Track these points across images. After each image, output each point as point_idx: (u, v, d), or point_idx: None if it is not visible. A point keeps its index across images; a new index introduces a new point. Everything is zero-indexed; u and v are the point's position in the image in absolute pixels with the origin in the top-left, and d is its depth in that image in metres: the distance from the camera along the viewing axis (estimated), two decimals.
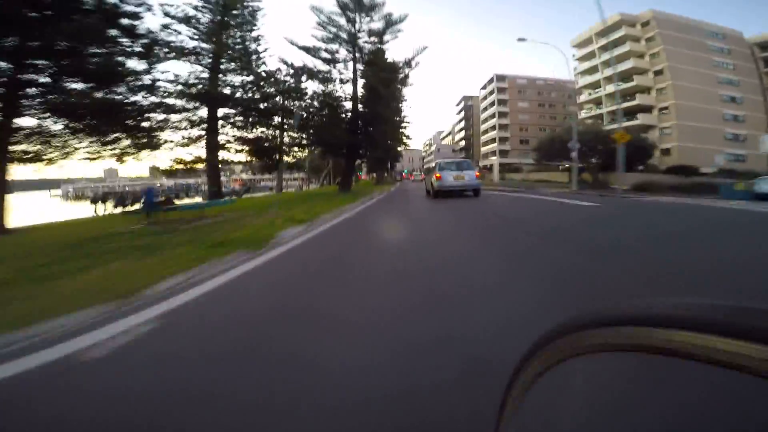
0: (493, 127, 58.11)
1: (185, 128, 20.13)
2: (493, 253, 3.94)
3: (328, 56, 16.05)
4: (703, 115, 35.20)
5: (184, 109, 19.50)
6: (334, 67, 16.15)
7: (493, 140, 58.05)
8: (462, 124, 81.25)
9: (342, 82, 16.23)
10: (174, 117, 19.34)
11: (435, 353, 1.64)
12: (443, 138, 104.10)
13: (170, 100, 18.56)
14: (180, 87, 18.45)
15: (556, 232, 5.30)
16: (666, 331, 0.25)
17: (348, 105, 16.22)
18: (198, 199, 24.41)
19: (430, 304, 2.37)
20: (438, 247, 4.48)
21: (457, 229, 5.83)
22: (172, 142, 19.58)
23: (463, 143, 77.55)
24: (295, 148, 25.97)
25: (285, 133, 25.30)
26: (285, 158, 27.17)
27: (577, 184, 15.90)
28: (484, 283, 2.81)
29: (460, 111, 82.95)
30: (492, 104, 58.44)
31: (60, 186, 75.39)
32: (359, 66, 16.27)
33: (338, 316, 2.21)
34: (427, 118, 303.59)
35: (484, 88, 64.22)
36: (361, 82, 16.64)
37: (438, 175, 14.08)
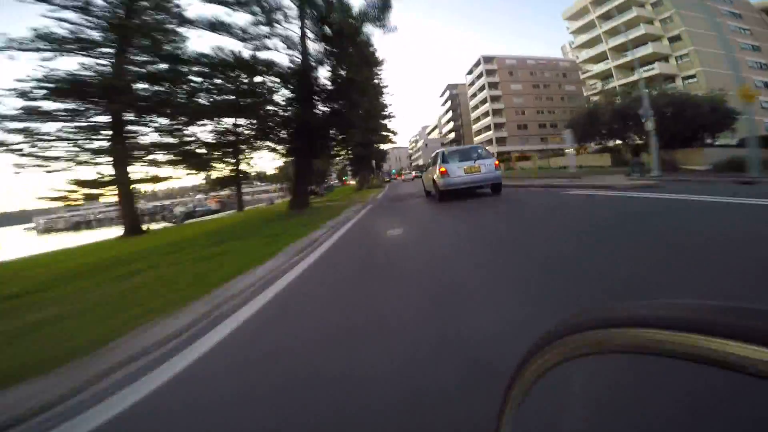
0: (485, 114, 53.23)
1: (82, 139, 14.48)
2: None
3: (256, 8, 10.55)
4: (734, 83, 30.79)
5: (74, 113, 13.84)
6: (271, 25, 10.64)
7: (487, 128, 53.16)
8: (449, 115, 76.40)
9: (286, 43, 10.74)
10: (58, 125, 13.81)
11: None
12: (429, 132, 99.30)
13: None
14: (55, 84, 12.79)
15: None
16: (666, 332, 0.25)
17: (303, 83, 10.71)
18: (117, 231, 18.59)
19: None
20: None
21: None
22: (58, 159, 13.97)
23: (452, 135, 72.66)
24: (247, 151, 20.35)
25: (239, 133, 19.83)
26: (235, 165, 21.67)
27: (647, 169, 10.75)
28: None
29: (446, 101, 78.11)
30: (481, 89, 53.61)
31: (32, 219, 71.67)
32: (308, 22, 10.85)
33: None
34: (411, 116, 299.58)
35: (470, 72, 59.41)
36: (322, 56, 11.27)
37: (443, 168, 10.20)
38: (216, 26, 10.98)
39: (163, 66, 14.26)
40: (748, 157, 8.31)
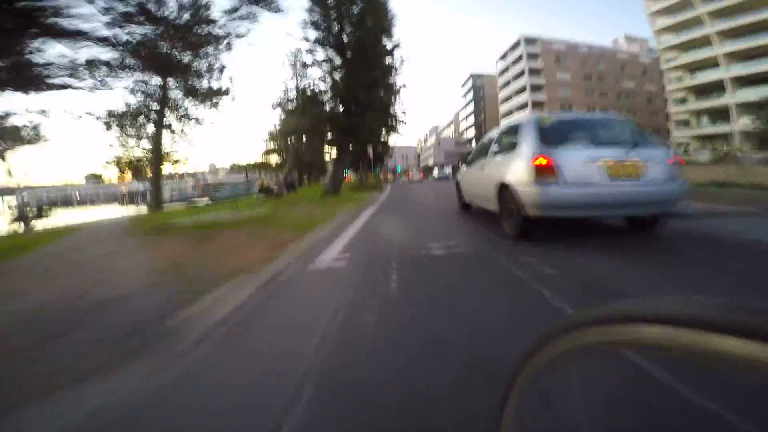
0: (521, 107, 45.05)
1: None
2: None
3: None
4: None
5: None
6: None
7: None
8: (470, 108, 68.35)
9: None
10: None
11: None
12: (442, 130, 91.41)
13: None
14: None
15: None
16: (666, 329, 0.26)
17: None
18: None
19: None
20: None
21: None
22: None
23: (472, 132, 64.57)
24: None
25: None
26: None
27: None
28: None
29: (467, 93, 70.09)
30: (518, 76, 45.51)
31: (14, 193, 70.48)
32: None
33: None
34: (419, 116, 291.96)
35: (503, 57, 51.33)
36: None
37: (542, 160, 3.64)
38: None
39: None
40: None
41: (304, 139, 34.92)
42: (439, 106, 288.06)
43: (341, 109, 12.07)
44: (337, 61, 11.62)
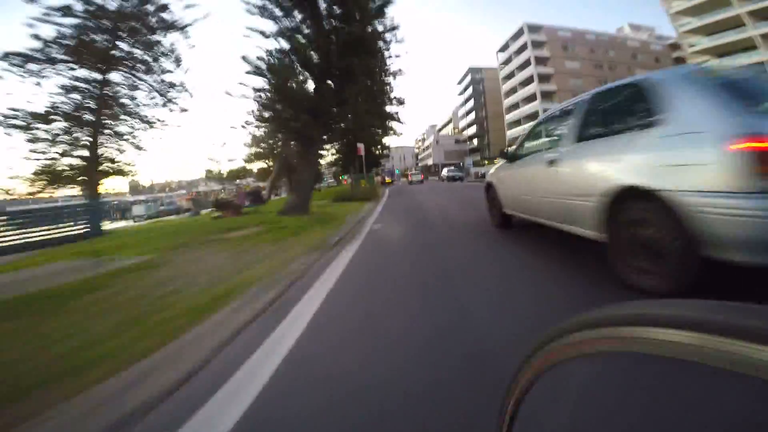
0: (528, 99, 42.90)
1: None
2: None
3: None
4: None
5: None
6: None
7: (530, 117, 42.33)
8: (469, 104, 66.20)
9: None
10: None
11: None
12: (441, 128, 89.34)
13: None
14: None
15: None
16: (665, 330, 0.26)
17: None
18: None
19: None
20: None
21: None
22: None
23: (474, 129, 62.38)
24: None
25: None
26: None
27: None
28: None
29: (466, 88, 67.89)
30: (523, 66, 43.39)
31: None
32: None
33: None
34: (418, 115, 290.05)
35: (504, 49, 49.29)
36: None
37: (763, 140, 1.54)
38: None
39: None
40: None
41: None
42: (436, 105, 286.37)
43: (311, 87, 9.19)
44: (299, 16, 8.70)
